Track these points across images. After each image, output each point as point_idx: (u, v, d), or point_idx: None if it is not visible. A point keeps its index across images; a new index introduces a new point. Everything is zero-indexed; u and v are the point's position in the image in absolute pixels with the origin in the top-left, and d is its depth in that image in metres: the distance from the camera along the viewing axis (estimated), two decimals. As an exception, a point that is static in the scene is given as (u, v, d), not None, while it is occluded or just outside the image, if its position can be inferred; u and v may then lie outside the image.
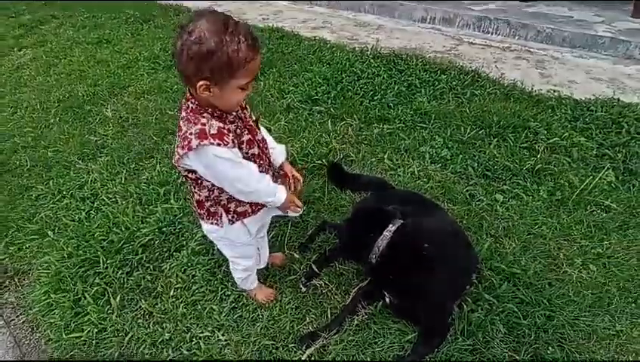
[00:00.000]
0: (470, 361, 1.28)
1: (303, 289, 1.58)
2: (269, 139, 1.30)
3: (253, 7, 4.81)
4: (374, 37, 3.82)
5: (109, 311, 1.55)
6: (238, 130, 1.09)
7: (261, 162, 1.18)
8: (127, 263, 1.70)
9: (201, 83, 0.95)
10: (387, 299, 1.45)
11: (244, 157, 1.10)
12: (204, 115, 1.01)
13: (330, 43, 3.59)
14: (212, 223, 1.24)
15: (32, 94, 3.12)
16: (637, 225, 1.75)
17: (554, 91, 2.75)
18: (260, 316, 1.49)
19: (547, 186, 1.94)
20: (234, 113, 1.09)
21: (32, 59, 3.69)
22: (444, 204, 1.88)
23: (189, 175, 1.12)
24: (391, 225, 1.39)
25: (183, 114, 1.04)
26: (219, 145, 0.98)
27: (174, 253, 1.74)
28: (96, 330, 1.51)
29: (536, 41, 3.71)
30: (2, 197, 2.14)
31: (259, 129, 1.21)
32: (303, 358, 1.34)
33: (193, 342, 1.44)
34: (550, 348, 1.30)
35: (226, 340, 1.43)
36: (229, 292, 1.57)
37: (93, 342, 1.48)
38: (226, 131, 1.01)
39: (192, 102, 1.03)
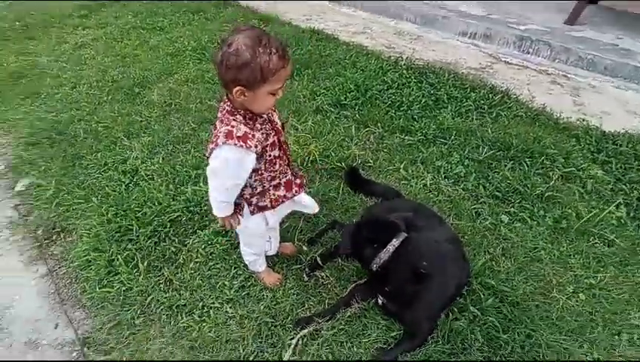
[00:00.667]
0: (446, 362, 1.40)
1: (306, 278, 1.74)
2: None
3: (298, 7, 4.98)
4: (411, 47, 3.90)
5: (136, 274, 1.78)
6: (266, 134, 1.23)
7: (281, 162, 1.33)
8: (156, 234, 1.92)
9: (237, 88, 1.10)
10: (380, 301, 1.58)
11: (266, 160, 1.26)
12: (237, 117, 1.17)
13: (367, 49, 3.69)
14: (235, 212, 1.40)
15: (90, 72, 3.44)
16: (637, 263, 1.79)
17: (583, 120, 2.76)
18: (265, 296, 1.67)
19: (554, 214, 2.00)
20: (264, 116, 1.24)
21: (94, 39, 4.03)
22: (450, 219, 1.99)
23: None
24: (395, 240, 1.49)
25: (219, 115, 1.21)
26: (241, 146, 1.13)
27: (198, 231, 1.95)
28: (124, 288, 1.74)
29: (576, 67, 3.66)
30: (58, 163, 2.43)
31: (284, 131, 1.36)
32: (297, 337, 1.50)
33: (204, 310, 1.64)
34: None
35: (232, 313, 1.62)
36: (241, 272, 1.76)
37: (121, 298, 1.71)
38: (250, 136, 1.15)
39: (227, 105, 1.19)
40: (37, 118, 2.86)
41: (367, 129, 2.61)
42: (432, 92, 2.98)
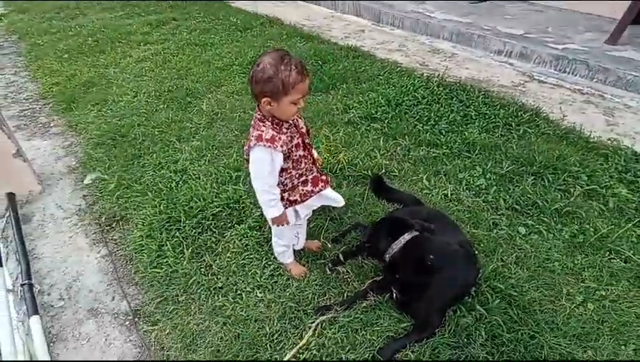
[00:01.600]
0: (450, 354, 1.53)
1: (329, 272, 1.92)
2: None
3: (339, 25, 5.26)
4: (445, 65, 4.03)
5: (181, 258, 2.04)
6: (291, 136, 1.45)
7: (306, 161, 1.55)
8: (200, 225, 2.19)
9: (264, 99, 1.34)
10: (394, 295, 1.74)
11: (293, 160, 1.48)
12: (266, 123, 1.41)
13: (401, 66, 3.88)
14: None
15: (149, 83, 3.86)
16: (654, 280, 1.82)
17: (614, 140, 2.77)
18: (291, 285, 1.87)
19: (571, 228, 2.06)
20: (290, 122, 1.46)
21: (153, 54, 4.50)
22: (467, 227, 2.10)
23: None
24: (407, 234, 1.68)
25: (252, 122, 1.46)
26: (269, 147, 1.37)
27: (235, 225, 2.19)
28: (170, 270, 1.99)
29: (615, 87, 3.63)
30: (120, 162, 2.79)
31: (308, 135, 1.58)
32: (317, 322, 1.68)
33: (237, 293, 1.86)
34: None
35: (261, 296, 1.83)
36: (271, 263, 1.97)
37: (168, 278, 1.97)
38: (277, 138, 1.39)
39: (258, 114, 1.43)
40: (104, 121, 3.27)
41: (395, 141, 2.78)
42: (461, 108, 3.10)
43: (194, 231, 2.16)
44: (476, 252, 1.87)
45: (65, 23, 5.69)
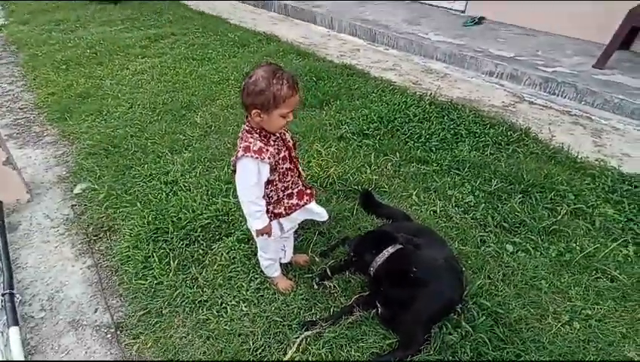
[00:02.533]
0: (435, 372, 1.51)
1: (316, 286, 1.91)
2: None
3: (335, 44, 5.36)
4: (437, 84, 4.10)
5: (167, 270, 2.02)
6: (278, 149, 1.47)
7: (292, 174, 1.57)
8: (187, 237, 2.17)
9: (254, 111, 1.37)
10: (379, 309, 1.72)
11: (279, 172, 1.49)
12: (254, 135, 1.43)
13: (394, 85, 3.93)
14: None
15: (144, 95, 3.88)
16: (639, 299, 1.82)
17: (601, 161, 2.81)
18: (277, 299, 1.85)
19: (558, 247, 2.07)
20: (277, 135, 1.49)
21: (150, 67, 4.54)
22: (455, 244, 2.10)
23: None
24: (391, 247, 1.68)
25: (240, 134, 1.48)
26: (256, 158, 1.38)
27: (223, 238, 2.18)
28: (156, 282, 1.98)
29: (603, 109, 3.70)
30: (111, 172, 2.78)
31: (295, 149, 1.60)
32: (301, 337, 1.66)
33: (222, 306, 1.84)
34: (508, 378, 1.48)
35: (246, 310, 1.81)
36: (257, 276, 1.95)
37: (152, 290, 1.95)
38: (265, 150, 1.41)
39: (247, 126, 1.45)
40: (97, 132, 3.27)
41: (386, 157, 2.80)
42: (451, 126, 3.13)
43: (181, 242, 2.15)
44: (463, 268, 1.87)
45: (64, 35, 5.74)
